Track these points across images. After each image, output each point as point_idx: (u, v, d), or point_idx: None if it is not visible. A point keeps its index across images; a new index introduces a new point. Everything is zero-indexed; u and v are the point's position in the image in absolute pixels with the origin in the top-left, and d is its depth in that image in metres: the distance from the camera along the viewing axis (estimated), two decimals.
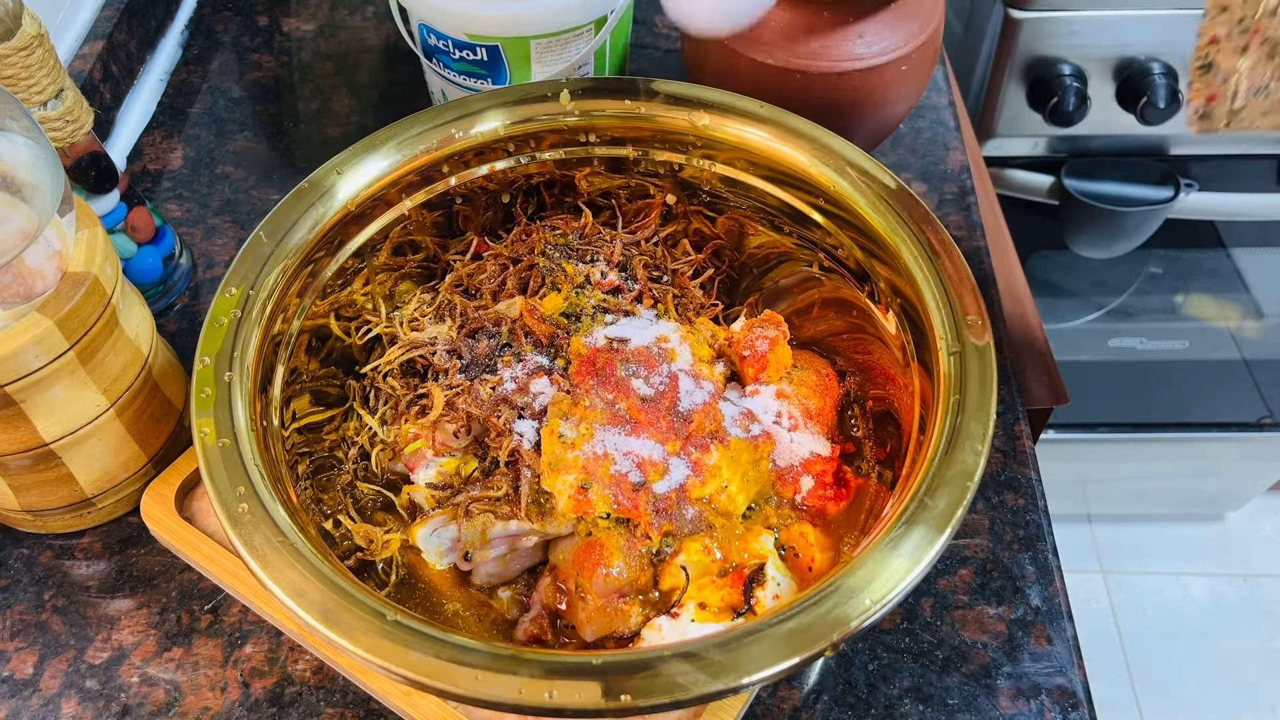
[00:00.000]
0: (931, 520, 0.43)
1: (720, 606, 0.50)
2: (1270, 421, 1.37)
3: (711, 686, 0.39)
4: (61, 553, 0.61)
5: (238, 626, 0.58)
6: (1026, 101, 1.16)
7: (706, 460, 0.54)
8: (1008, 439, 0.66)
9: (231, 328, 0.50)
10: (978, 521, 0.62)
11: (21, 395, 0.52)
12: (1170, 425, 1.39)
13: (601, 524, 0.53)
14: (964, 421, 0.46)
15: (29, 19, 0.55)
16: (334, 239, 0.57)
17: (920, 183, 0.83)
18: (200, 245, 0.78)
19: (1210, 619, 1.56)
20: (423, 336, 0.60)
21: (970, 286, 0.51)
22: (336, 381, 0.61)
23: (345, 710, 0.55)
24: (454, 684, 0.39)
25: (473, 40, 0.73)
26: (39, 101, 0.58)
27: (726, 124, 0.59)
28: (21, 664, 0.57)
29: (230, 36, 0.97)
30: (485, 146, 0.60)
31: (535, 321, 0.59)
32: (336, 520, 0.55)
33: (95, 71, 0.83)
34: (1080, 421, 1.39)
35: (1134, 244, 1.32)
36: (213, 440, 0.46)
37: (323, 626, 0.41)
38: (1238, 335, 1.38)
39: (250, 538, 0.43)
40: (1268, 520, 1.67)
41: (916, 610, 0.58)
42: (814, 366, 0.60)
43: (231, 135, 0.87)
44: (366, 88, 0.92)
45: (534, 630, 0.53)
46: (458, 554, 0.54)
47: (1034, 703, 0.55)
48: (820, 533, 0.54)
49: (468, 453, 0.56)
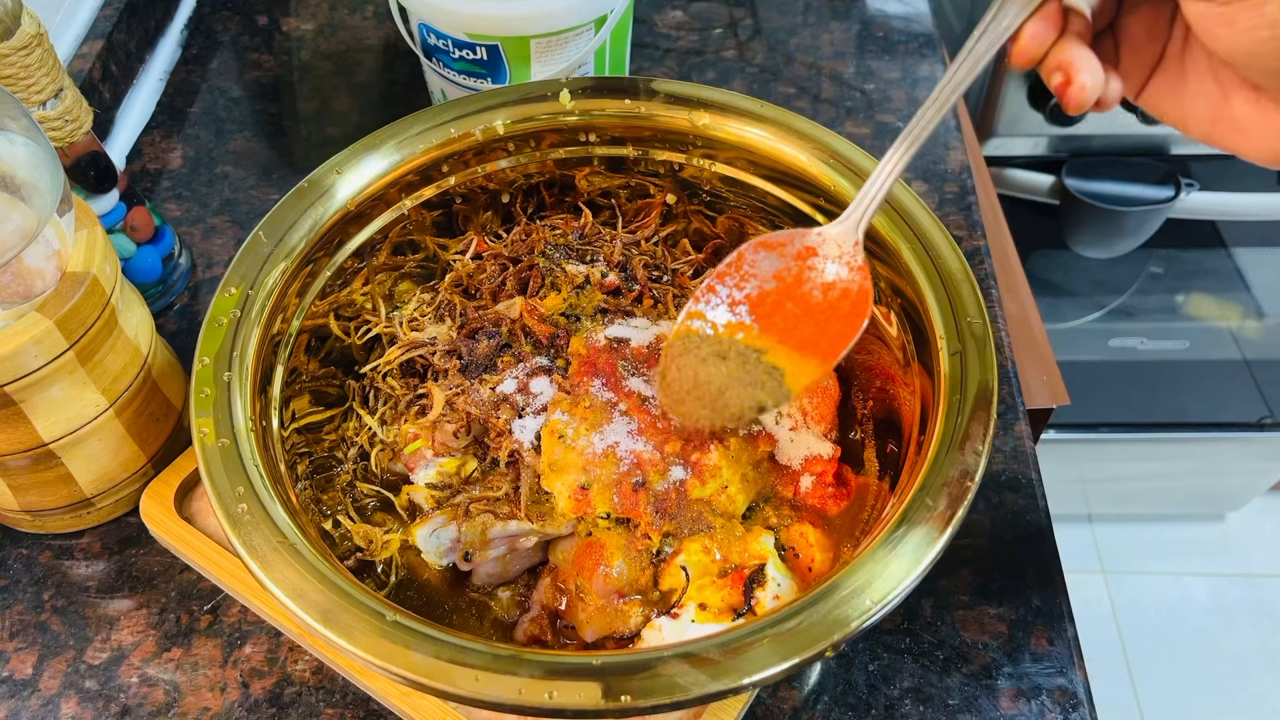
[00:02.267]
0: (932, 520, 0.43)
1: (720, 607, 0.50)
2: (1270, 421, 1.37)
3: (711, 687, 0.39)
4: (61, 553, 0.61)
5: (237, 627, 0.58)
6: (1026, 101, 1.16)
7: (706, 460, 0.54)
8: (1008, 439, 0.66)
9: (231, 328, 0.50)
10: (978, 521, 0.62)
11: (21, 395, 0.52)
12: (1170, 425, 1.39)
13: (601, 524, 0.53)
14: (964, 421, 0.46)
15: (28, 18, 0.55)
16: (333, 239, 0.57)
17: (920, 183, 0.83)
18: (200, 245, 0.78)
19: (1210, 619, 1.56)
20: (422, 336, 0.60)
21: (970, 286, 0.51)
22: (336, 381, 0.61)
23: (345, 710, 0.55)
24: (454, 684, 0.39)
25: (472, 40, 0.73)
26: (38, 101, 0.58)
27: (727, 123, 0.59)
28: (21, 664, 0.56)
29: (230, 36, 0.97)
30: (485, 146, 0.60)
31: (535, 321, 0.59)
32: (336, 520, 0.55)
33: (94, 71, 0.83)
34: (1080, 421, 1.39)
35: (1134, 244, 1.32)
36: (212, 440, 0.46)
37: (322, 627, 0.41)
38: (1238, 335, 1.38)
39: (250, 538, 0.43)
40: (1268, 520, 1.67)
41: (917, 610, 0.58)
42: None
43: (231, 135, 0.87)
44: (366, 87, 0.92)
45: (534, 630, 0.53)
46: (458, 554, 0.54)
47: (1034, 703, 0.55)
48: (820, 533, 0.54)
49: (468, 453, 0.56)
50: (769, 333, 0.43)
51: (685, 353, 0.44)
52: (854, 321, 0.43)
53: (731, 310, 0.43)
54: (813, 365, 0.43)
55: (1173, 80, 0.38)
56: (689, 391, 0.45)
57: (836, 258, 0.42)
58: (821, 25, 0.99)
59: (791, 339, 0.43)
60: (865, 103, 0.91)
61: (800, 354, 0.43)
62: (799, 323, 0.42)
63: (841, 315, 0.43)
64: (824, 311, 0.42)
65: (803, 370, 0.43)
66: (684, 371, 0.45)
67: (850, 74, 0.93)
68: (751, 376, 0.43)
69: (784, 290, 0.42)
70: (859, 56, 0.95)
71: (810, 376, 0.44)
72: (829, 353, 0.43)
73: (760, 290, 0.42)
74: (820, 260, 0.42)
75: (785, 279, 0.42)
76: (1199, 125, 0.38)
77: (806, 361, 0.43)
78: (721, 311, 0.43)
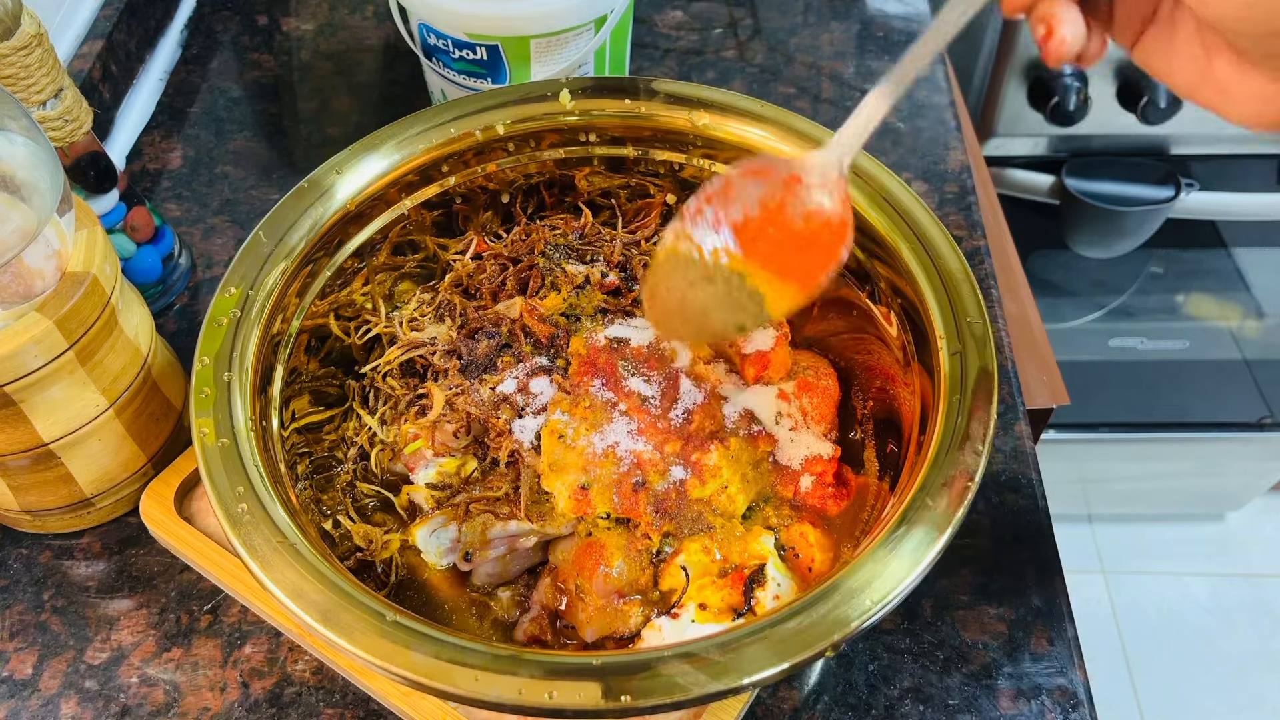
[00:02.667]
0: (932, 520, 0.43)
1: (720, 607, 0.50)
2: (1270, 421, 1.37)
3: (712, 687, 0.39)
4: (61, 553, 0.61)
5: (237, 627, 0.58)
6: (1027, 101, 1.16)
7: (706, 460, 0.54)
8: (1008, 439, 0.66)
9: (231, 328, 0.50)
10: (978, 521, 0.62)
11: (21, 395, 0.52)
12: (1171, 425, 1.39)
13: (601, 524, 0.53)
14: (964, 421, 0.46)
15: (28, 18, 0.55)
16: (333, 239, 0.57)
17: (920, 183, 0.83)
18: (199, 245, 0.78)
19: (1210, 619, 1.56)
20: (422, 336, 0.60)
21: (970, 286, 0.51)
22: (336, 381, 0.61)
23: (345, 710, 0.55)
24: (454, 684, 0.39)
25: (472, 40, 0.73)
26: (38, 101, 0.58)
27: (727, 123, 0.59)
28: (21, 664, 0.56)
29: (230, 36, 0.97)
30: (485, 146, 0.60)
31: (535, 322, 0.59)
32: (336, 520, 0.55)
33: (94, 71, 0.83)
34: (1080, 421, 1.39)
35: (1134, 244, 1.32)
36: (212, 440, 0.46)
37: (322, 627, 0.41)
38: (1238, 335, 1.38)
39: (250, 538, 0.43)
40: (1268, 520, 1.67)
41: (917, 610, 0.58)
42: (814, 366, 0.60)
43: (231, 135, 0.87)
44: (366, 87, 0.92)
45: (534, 630, 0.53)
46: (457, 554, 0.54)
47: (1034, 703, 0.55)
48: (820, 533, 0.54)
49: (468, 453, 0.56)
50: (752, 258, 0.44)
51: (674, 273, 0.46)
52: (834, 250, 0.44)
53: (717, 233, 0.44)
54: (792, 291, 0.45)
55: (1163, 38, 0.40)
56: (675, 310, 0.47)
57: (820, 186, 0.43)
58: (821, 25, 0.99)
59: (773, 265, 0.44)
60: None
61: (781, 280, 0.45)
62: (781, 249, 0.44)
63: (822, 244, 0.44)
64: (805, 239, 0.44)
65: (783, 296, 0.45)
66: (672, 292, 0.47)
67: (850, 74, 0.93)
68: (735, 300, 0.45)
69: (767, 217, 0.44)
70: (859, 56, 0.95)
71: (790, 302, 0.45)
72: (809, 280, 0.45)
73: (745, 215, 0.44)
74: (804, 189, 0.43)
75: (769, 205, 0.44)
76: (1185, 83, 0.39)
77: (787, 287, 0.45)
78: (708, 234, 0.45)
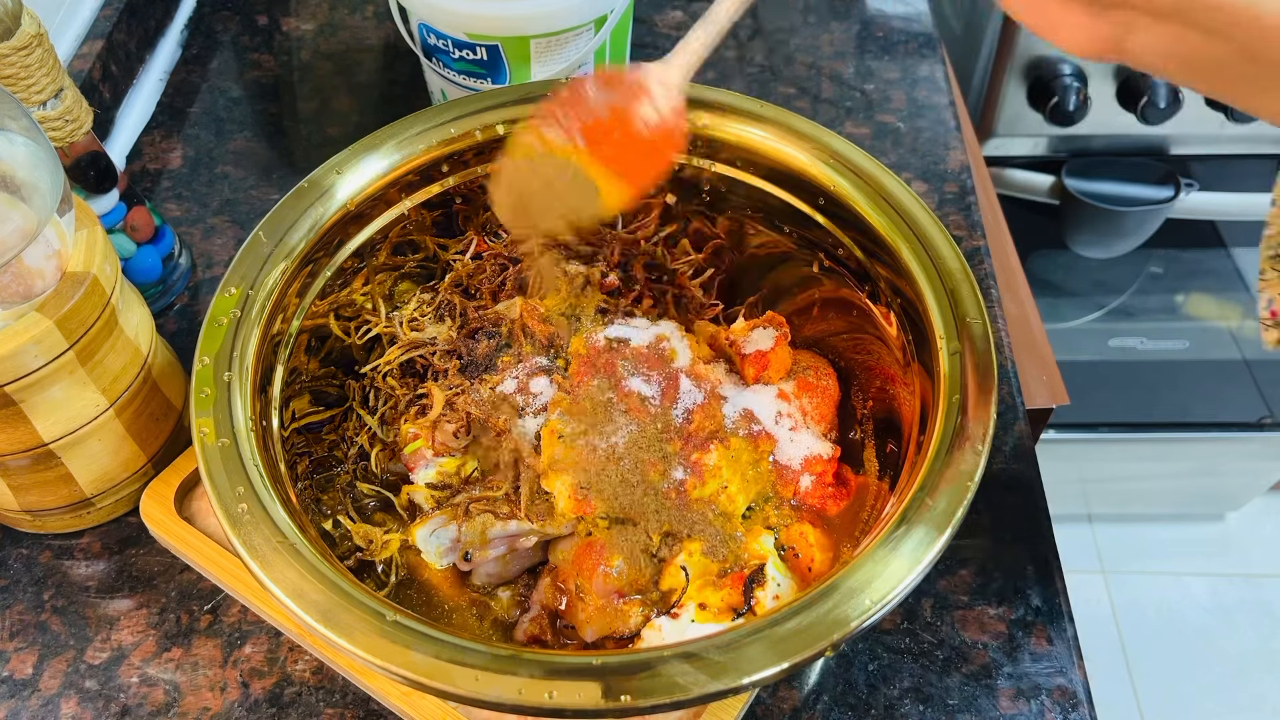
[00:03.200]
0: (932, 520, 0.43)
1: (720, 607, 0.50)
2: (1270, 421, 1.37)
3: (711, 687, 0.39)
4: (61, 553, 0.61)
5: (237, 627, 0.58)
6: (1026, 101, 1.16)
7: (706, 460, 0.54)
8: (1008, 439, 0.66)
9: (231, 328, 0.50)
10: (978, 521, 0.62)
11: (21, 395, 0.52)
12: (1170, 425, 1.39)
13: (601, 524, 0.53)
14: (964, 421, 0.46)
15: (28, 18, 0.55)
16: (333, 239, 0.57)
17: (920, 183, 0.83)
18: (200, 245, 0.78)
19: (1210, 619, 1.56)
20: (422, 336, 0.60)
21: (970, 286, 0.51)
22: (336, 381, 0.61)
23: (345, 710, 0.55)
24: (454, 684, 0.39)
25: (472, 40, 0.73)
26: (38, 101, 0.58)
27: (726, 124, 0.59)
28: (21, 664, 0.56)
29: (230, 36, 0.97)
30: (485, 146, 0.60)
31: (535, 321, 0.59)
32: (336, 520, 0.55)
33: (95, 71, 0.83)
34: (1080, 421, 1.39)
35: (1134, 244, 1.32)
36: (212, 440, 0.46)
37: (322, 627, 0.41)
38: (1238, 335, 1.38)
39: (250, 538, 0.43)
40: (1268, 520, 1.67)
41: (917, 610, 0.58)
42: (814, 366, 0.60)
43: (231, 135, 0.87)
44: (366, 87, 0.92)
45: (534, 630, 0.53)
46: (457, 554, 0.54)
47: (1034, 703, 0.55)
48: (820, 533, 0.54)
49: (468, 453, 0.56)
50: (596, 155, 0.49)
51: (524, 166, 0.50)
52: (666, 155, 0.50)
53: (568, 131, 0.49)
54: (626, 188, 0.50)
55: None
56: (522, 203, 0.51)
57: (662, 96, 0.48)
58: (821, 25, 0.99)
59: (613, 164, 0.49)
60: (865, 103, 0.91)
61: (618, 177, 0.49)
62: (622, 150, 0.49)
63: (657, 150, 0.49)
64: (643, 144, 0.49)
65: (617, 191, 0.50)
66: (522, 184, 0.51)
67: (850, 74, 0.94)
68: (576, 190, 0.50)
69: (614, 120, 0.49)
70: (859, 56, 0.95)
71: (622, 198, 0.50)
72: (641, 178, 0.50)
73: (595, 118, 0.49)
74: (648, 99, 0.48)
75: (617, 110, 0.48)
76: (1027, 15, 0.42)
77: (622, 184, 0.49)
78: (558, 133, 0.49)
